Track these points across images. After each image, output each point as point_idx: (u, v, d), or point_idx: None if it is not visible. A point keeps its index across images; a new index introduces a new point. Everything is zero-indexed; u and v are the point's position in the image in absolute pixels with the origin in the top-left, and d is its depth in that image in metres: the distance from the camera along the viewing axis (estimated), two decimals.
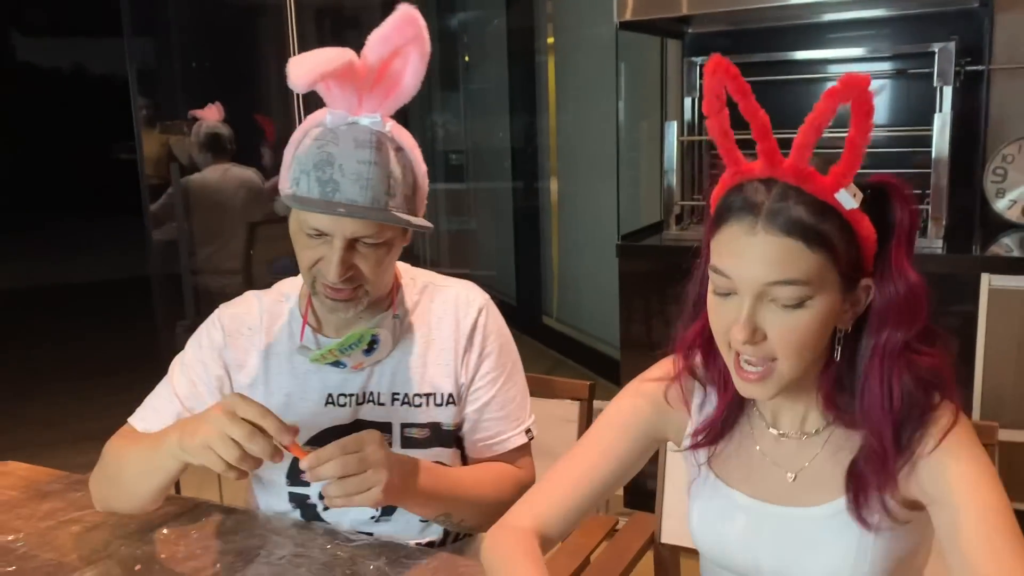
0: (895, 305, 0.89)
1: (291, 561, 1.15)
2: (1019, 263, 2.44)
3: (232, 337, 1.28)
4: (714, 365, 1.01)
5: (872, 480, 0.91)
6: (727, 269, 0.89)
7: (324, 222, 1.12)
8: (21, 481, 1.45)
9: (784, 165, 0.87)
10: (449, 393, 1.29)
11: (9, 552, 1.21)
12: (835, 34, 2.99)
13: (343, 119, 1.13)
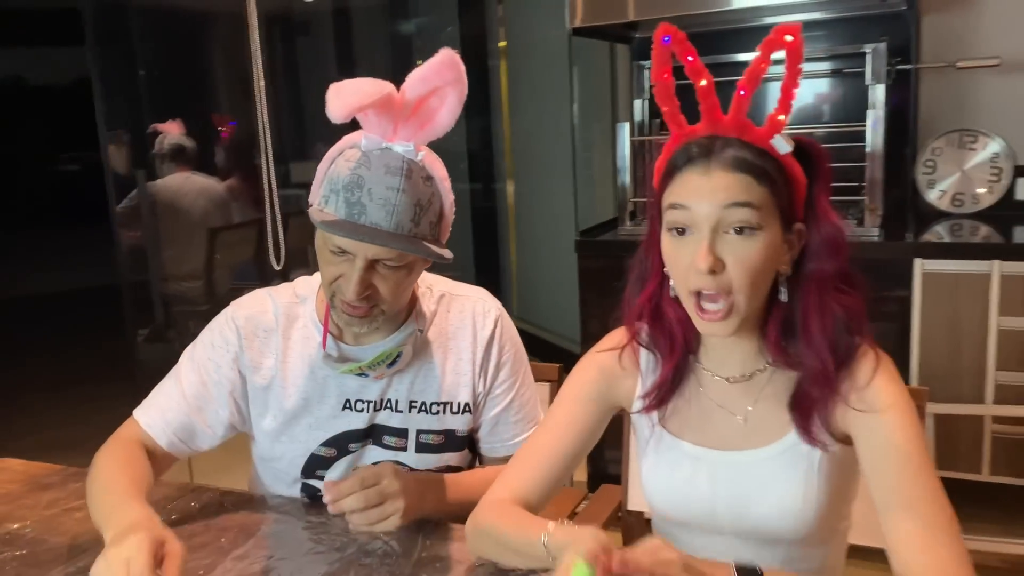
0: (823, 243, 1.03)
1: (275, 536, 1.25)
2: (949, 248, 2.62)
3: (248, 340, 1.32)
4: (660, 331, 1.12)
5: (817, 397, 1.04)
6: (687, 202, 1.00)
7: (347, 242, 1.16)
8: (19, 475, 1.51)
9: (725, 121, 1.00)
10: (466, 402, 1.35)
11: (19, 538, 1.28)
12: None
13: (377, 144, 1.15)
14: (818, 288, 1.03)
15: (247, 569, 1.15)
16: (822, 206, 1.03)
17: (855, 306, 1.04)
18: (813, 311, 1.03)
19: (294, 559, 1.17)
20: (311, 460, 1.33)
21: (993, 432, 2.57)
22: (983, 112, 3.00)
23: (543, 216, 4.72)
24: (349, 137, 1.21)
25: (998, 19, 2.91)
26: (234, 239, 4.43)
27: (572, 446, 1.17)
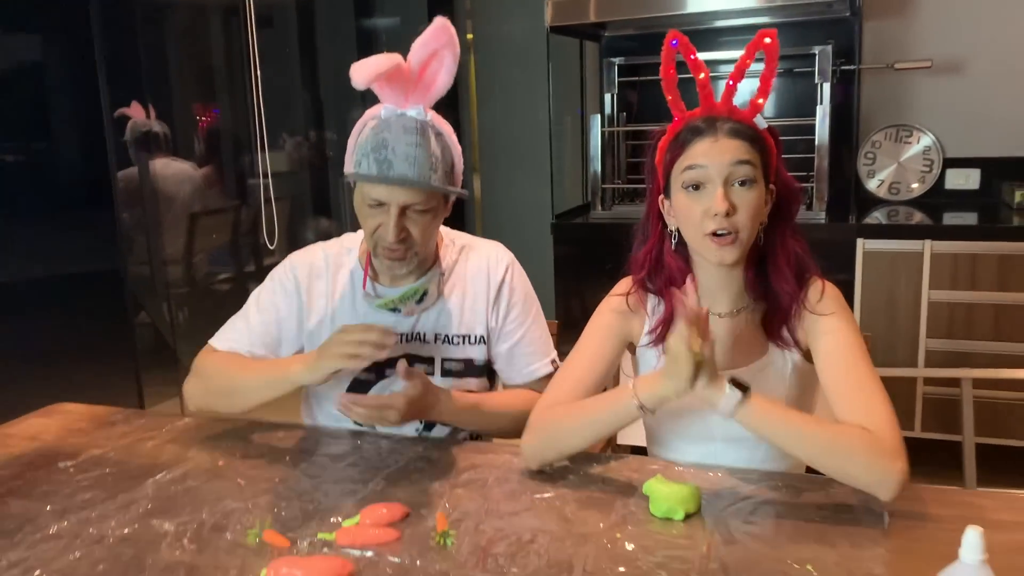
0: (785, 198, 1.33)
1: (345, 454, 1.47)
2: (887, 229, 2.93)
3: (304, 284, 1.57)
4: (660, 276, 1.39)
5: (785, 311, 1.33)
6: (703, 162, 1.26)
7: (382, 193, 1.40)
8: (83, 416, 1.70)
9: (718, 106, 1.28)
10: (481, 335, 1.59)
11: (104, 460, 1.47)
12: (728, 38, 3.43)
13: (394, 112, 1.40)
14: (781, 233, 1.33)
15: (298, 485, 1.36)
16: (782, 171, 1.33)
17: (804, 249, 1.35)
18: (780, 250, 1.33)
19: (342, 481, 1.38)
20: (353, 384, 1.56)
21: (924, 393, 2.89)
22: (917, 109, 3.33)
23: (511, 207, 4.95)
24: (370, 111, 1.46)
25: (931, 25, 3.24)
26: (212, 225, 4.58)
27: (598, 371, 1.41)
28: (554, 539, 1.14)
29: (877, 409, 1.22)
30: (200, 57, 4.95)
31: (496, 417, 1.55)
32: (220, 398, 1.52)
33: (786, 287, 1.32)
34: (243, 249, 4.80)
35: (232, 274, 4.79)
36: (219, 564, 1.11)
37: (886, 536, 1.12)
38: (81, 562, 1.13)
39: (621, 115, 3.45)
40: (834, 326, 1.30)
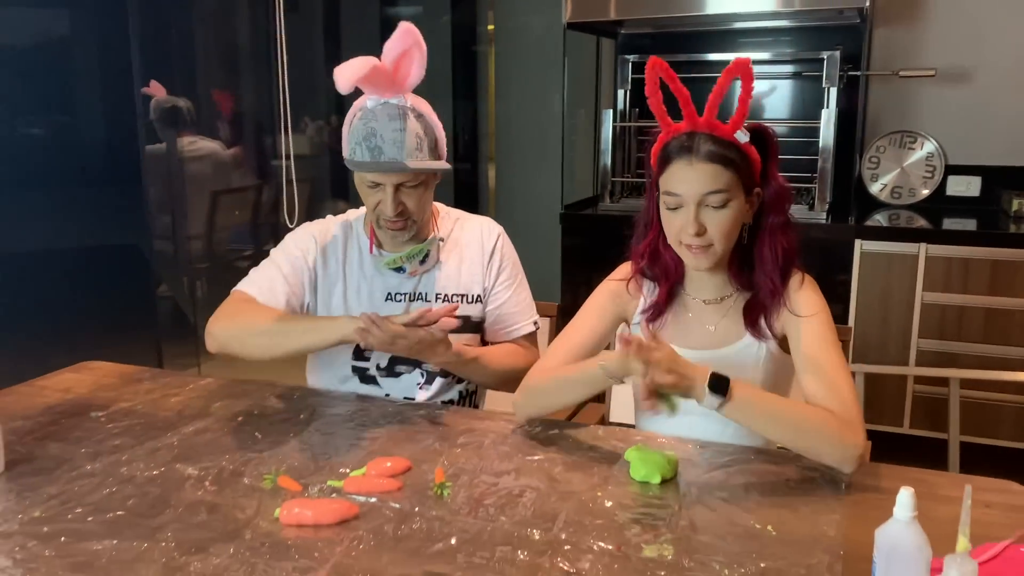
0: (773, 199, 1.42)
1: (353, 415, 1.59)
2: (885, 231, 3.03)
3: (320, 244, 1.72)
4: (657, 265, 1.51)
5: (765, 305, 1.44)
6: (677, 190, 1.37)
7: (376, 176, 1.57)
8: (112, 373, 1.83)
9: (700, 121, 1.37)
10: (477, 294, 1.75)
11: (132, 412, 1.60)
12: (743, 39, 3.53)
13: (378, 101, 1.56)
14: (769, 231, 1.43)
15: (310, 440, 1.48)
16: (772, 173, 1.42)
17: (792, 244, 1.44)
18: (766, 247, 1.42)
19: (350, 438, 1.50)
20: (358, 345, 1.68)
21: (914, 391, 2.99)
22: (921, 116, 3.42)
23: (523, 196, 5.05)
24: (357, 103, 1.61)
25: (938, 34, 3.32)
26: (234, 203, 4.71)
27: (590, 343, 1.54)
28: (540, 495, 1.26)
29: (841, 391, 1.33)
30: (227, 38, 5.07)
31: (485, 367, 1.68)
32: (252, 337, 1.59)
33: (768, 282, 1.43)
34: (263, 227, 4.92)
35: (251, 251, 4.92)
36: (237, 503, 1.23)
37: (842, 504, 1.23)
38: (113, 497, 1.25)
39: (633, 111, 3.55)
40: (810, 319, 1.41)
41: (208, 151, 4.48)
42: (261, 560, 1.08)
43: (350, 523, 1.18)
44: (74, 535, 1.14)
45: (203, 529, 1.16)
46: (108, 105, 3.21)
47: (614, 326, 1.58)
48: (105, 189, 3.20)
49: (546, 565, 1.07)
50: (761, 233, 1.44)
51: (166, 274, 4.44)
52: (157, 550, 1.10)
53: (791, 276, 1.45)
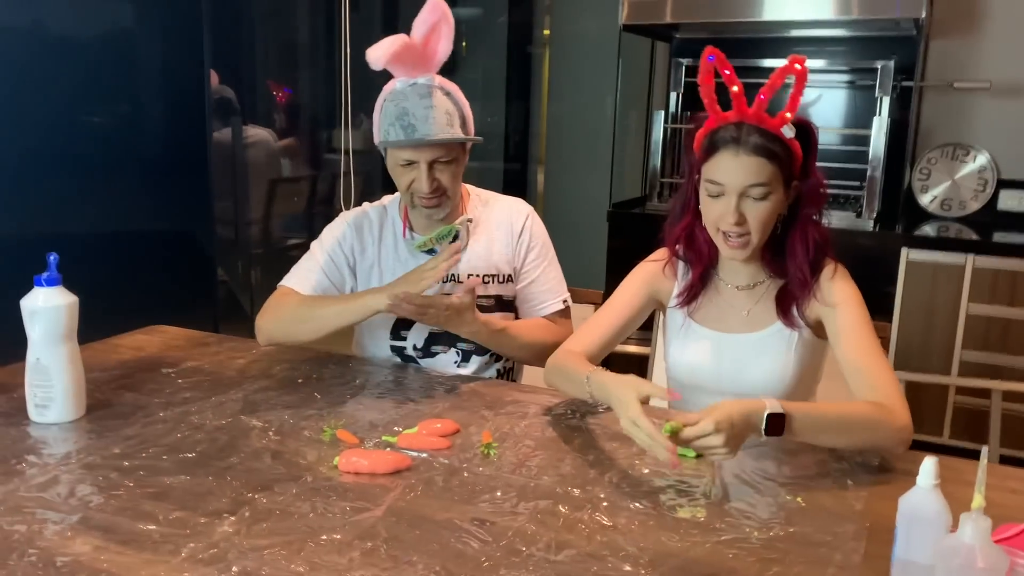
0: (810, 192, 1.46)
1: (406, 382, 1.67)
2: (932, 240, 3.04)
3: (357, 231, 1.81)
4: (692, 249, 1.56)
5: (796, 294, 1.49)
6: (721, 179, 1.42)
7: (411, 153, 1.64)
8: (180, 337, 1.94)
9: (749, 112, 1.42)
10: (507, 274, 1.82)
11: (200, 371, 1.70)
12: (798, 47, 3.56)
13: (407, 83, 1.64)
14: (802, 224, 1.48)
15: (366, 401, 1.57)
16: (812, 167, 1.47)
17: (824, 237, 1.49)
18: (799, 238, 1.47)
19: (403, 402, 1.59)
20: (398, 321, 1.78)
21: (955, 402, 3.00)
22: (975, 129, 3.42)
23: (572, 197, 5.12)
24: (386, 88, 1.69)
25: (993, 47, 3.32)
26: (288, 192, 4.85)
27: (624, 324, 1.61)
28: (582, 460, 1.33)
29: (882, 377, 1.39)
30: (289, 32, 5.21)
31: (515, 338, 1.74)
32: (295, 325, 1.70)
33: (799, 273, 1.48)
34: (317, 217, 5.06)
35: (304, 240, 5.05)
36: (299, 452, 1.32)
37: (872, 482, 1.28)
38: (184, 440, 1.35)
39: (684, 113, 3.59)
40: (845, 308, 1.46)
41: (259, 139, 4.61)
42: (321, 499, 1.17)
43: (403, 474, 1.26)
44: (150, 470, 1.24)
45: (268, 471, 1.25)
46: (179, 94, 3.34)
47: (648, 308, 1.64)
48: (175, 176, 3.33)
49: (584, 518, 1.14)
50: (794, 224, 1.48)
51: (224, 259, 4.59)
52: (226, 486, 1.20)
53: (823, 267, 1.49)
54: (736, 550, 1.07)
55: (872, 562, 1.05)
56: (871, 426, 1.33)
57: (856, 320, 1.44)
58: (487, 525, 1.11)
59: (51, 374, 1.40)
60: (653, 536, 1.10)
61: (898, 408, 1.34)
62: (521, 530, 1.10)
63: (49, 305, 1.38)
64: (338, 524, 1.10)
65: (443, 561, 1.02)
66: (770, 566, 1.04)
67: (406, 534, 1.08)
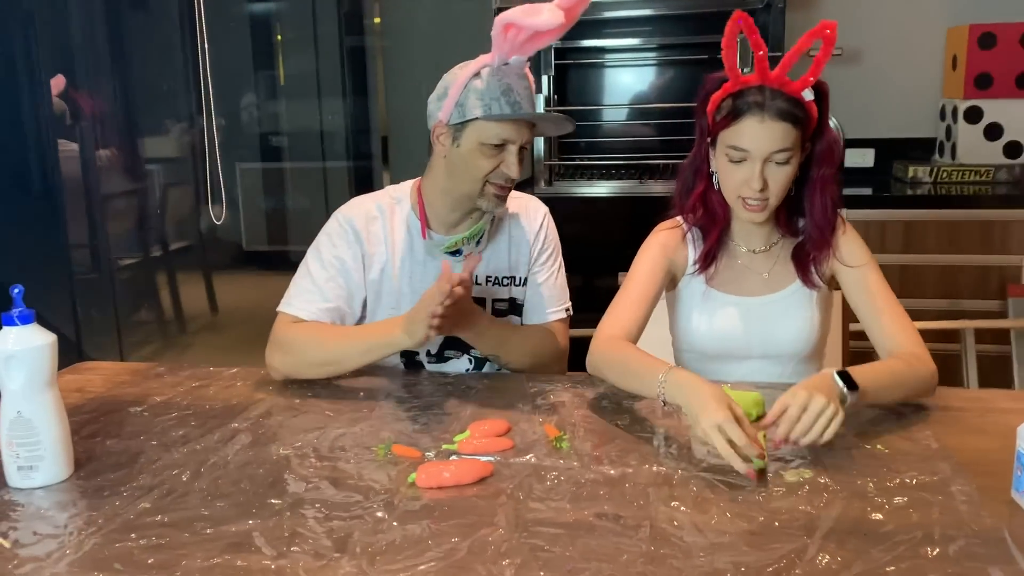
0: (824, 151, 1.49)
1: (417, 388, 1.56)
2: None
3: (363, 232, 1.62)
4: (707, 215, 1.56)
5: (814, 253, 1.53)
6: (747, 145, 1.42)
7: (512, 132, 1.50)
8: (123, 371, 1.70)
9: (772, 76, 1.42)
10: (524, 276, 1.70)
11: (174, 405, 1.49)
12: (632, 28, 3.65)
13: (503, 60, 1.49)
14: (821, 183, 1.50)
15: (386, 413, 1.45)
16: (826, 125, 1.49)
17: (839, 194, 1.52)
18: (816, 198, 1.50)
19: (428, 409, 1.48)
20: None
21: None
22: None
23: None
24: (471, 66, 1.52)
25: (837, 17, 3.57)
26: (113, 208, 4.43)
27: (651, 298, 1.56)
28: (654, 439, 1.29)
29: (907, 329, 1.46)
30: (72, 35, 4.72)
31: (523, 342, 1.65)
32: (314, 368, 1.55)
33: (818, 232, 1.51)
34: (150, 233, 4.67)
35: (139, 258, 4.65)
36: (361, 475, 1.19)
37: (925, 423, 1.34)
38: (219, 482, 1.18)
39: (553, 96, 3.61)
40: (867, 268, 1.51)
41: (71, 153, 4.18)
42: (428, 520, 1.05)
43: (488, 481, 1.16)
44: (208, 521, 1.07)
45: (344, 500, 1.11)
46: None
47: (666, 279, 1.60)
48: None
49: (710, 496, 1.11)
50: (811, 184, 1.50)
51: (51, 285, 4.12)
52: (310, 522, 1.05)
53: (836, 223, 1.53)
54: (865, 504, 1.08)
55: (990, 493, 1.09)
56: (913, 377, 1.38)
57: (878, 280, 1.50)
58: (622, 520, 1.05)
59: (37, 428, 1.17)
60: (786, 502, 1.08)
61: (926, 357, 1.41)
62: (656, 518, 1.05)
63: (28, 347, 1.15)
64: (469, 544, 1.00)
65: (611, 563, 0.95)
66: (909, 515, 1.05)
67: (552, 544, 1.00)
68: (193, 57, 5.48)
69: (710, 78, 1.49)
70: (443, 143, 1.57)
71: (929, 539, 0.99)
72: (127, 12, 5.41)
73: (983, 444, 1.25)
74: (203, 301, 4.85)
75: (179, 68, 5.11)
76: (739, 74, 1.45)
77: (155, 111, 5.13)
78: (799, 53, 1.41)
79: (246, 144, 6.01)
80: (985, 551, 0.96)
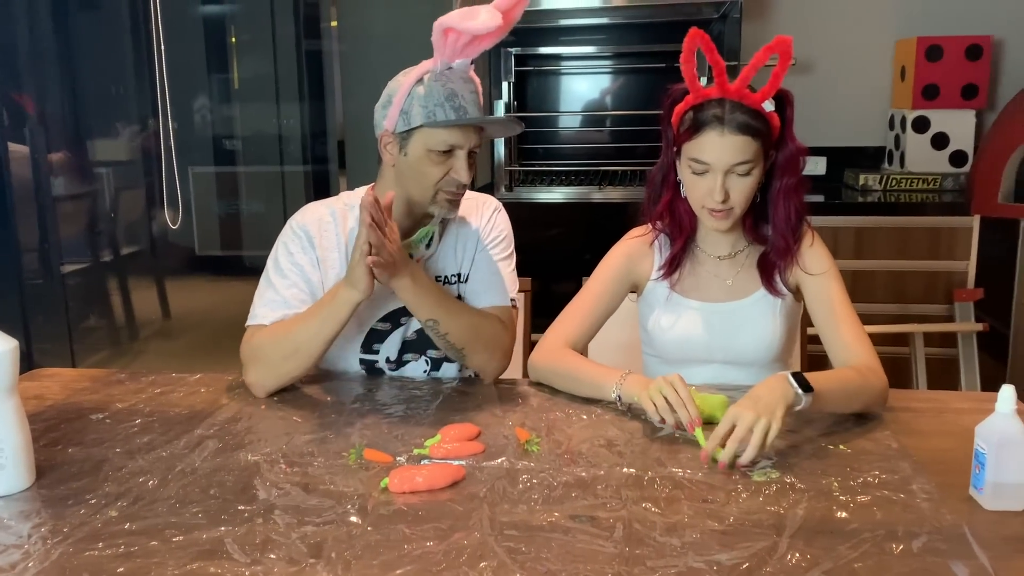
0: (789, 159, 1.51)
1: (373, 393, 1.55)
2: None
3: (317, 239, 1.60)
4: (674, 222, 1.59)
5: (778, 262, 1.55)
6: (708, 159, 1.45)
7: (460, 138, 1.48)
8: (81, 377, 1.67)
9: (731, 89, 1.45)
10: (468, 272, 1.66)
11: (137, 411, 1.47)
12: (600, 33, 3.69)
13: (446, 64, 1.48)
14: (784, 192, 1.53)
15: (355, 419, 1.44)
16: (790, 135, 1.52)
17: (804, 203, 1.55)
18: (780, 206, 1.53)
19: (395, 414, 1.47)
20: (370, 335, 1.63)
21: None
22: None
23: None
24: (413, 72, 1.51)
25: (789, 29, 3.64)
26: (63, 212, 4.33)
27: (604, 309, 1.60)
28: (622, 440, 1.31)
29: (862, 342, 1.49)
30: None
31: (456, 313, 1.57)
32: (286, 363, 1.52)
33: (782, 241, 1.54)
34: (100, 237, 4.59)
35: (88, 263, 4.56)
36: (333, 480, 1.18)
37: (883, 423, 1.38)
38: (188, 488, 1.16)
39: (513, 103, 3.63)
40: (827, 278, 1.54)
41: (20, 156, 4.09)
42: (404, 524, 1.05)
43: (461, 485, 1.17)
44: (178, 528, 1.06)
45: (317, 506, 1.11)
46: None
47: (625, 290, 1.64)
48: None
49: (681, 496, 1.12)
50: (775, 193, 1.53)
51: None
52: (284, 527, 1.05)
53: (803, 234, 1.56)
54: (831, 503, 1.11)
55: (950, 490, 1.13)
56: (864, 389, 1.41)
57: (838, 291, 1.53)
58: (595, 521, 1.06)
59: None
60: (755, 502, 1.11)
61: (880, 371, 1.45)
62: (629, 519, 1.06)
63: None
64: (444, 548, 1.00)
65: (587, 564, 0.96)
66: (873, 513, 1.08)
67: (528, 546, 1.00)
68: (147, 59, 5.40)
69: (674, 88, 1.52)
70: (391, 152, 1.55)
71: (893, 536, 1.02)
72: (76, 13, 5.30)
73: (940, 444, 1.29)
74: (155, 307, 4.76)
75: (130, 70, 5.03)
76: (699, 87, 1.47)
77: (106, 113, 5.03)
78: (756, 68, 1.44)
79: (199, 147, 5.91)
80: (947, 546, 0.99)
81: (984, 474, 1.07)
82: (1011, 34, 3.44)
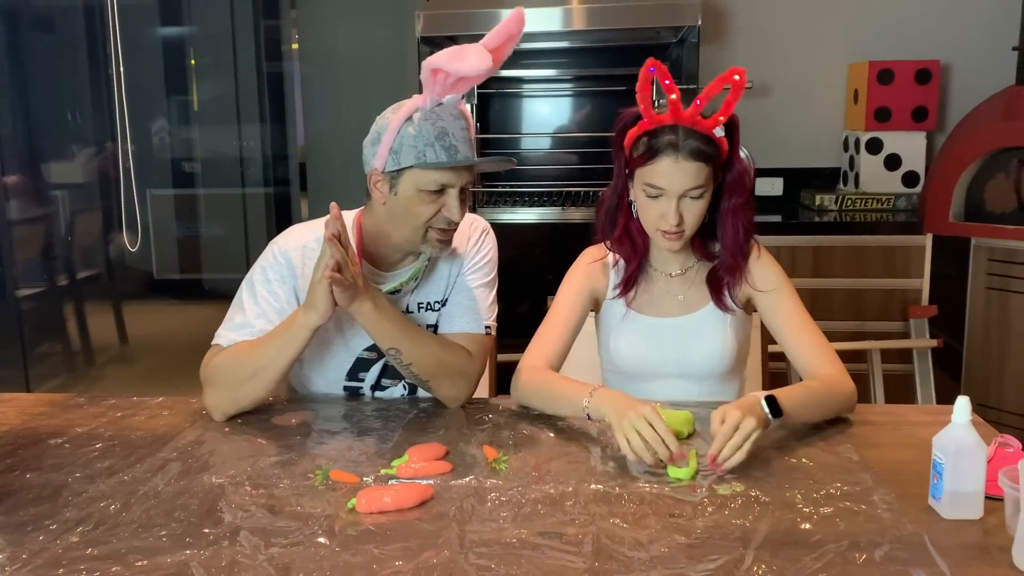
0: (736, 180, 1.55)
1: (351, 414, 1.54)
2: None
3: (297, 265, 1.56)
4: (629, 244, 1.61)
5: (726, 278, 1.58)
6: (662, 184, 1.48)
7: (450, 178, 1.45)
8: (37, 403, 1.63)
9: (684, 115, 1.48)
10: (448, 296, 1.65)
11: (97, 436, 1.44)
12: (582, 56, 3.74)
13: (436, 101, 1.44)
14: (732, 211, 1.56)
15: (322, 440, 1.43)
16: (737, 156, 1.56)
17: (752, 221, 1.59)
18: (728, 225, 1.57)
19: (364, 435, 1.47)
20: (356, 364, 1.62)
21: None
22: None
23: None
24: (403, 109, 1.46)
25: (746, 53, 3.72)
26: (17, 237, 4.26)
27: (574, 327, 1.62)
28: (590, 456, 1.32)
29: (825, 351, 1.53)
30: None
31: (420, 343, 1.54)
32: (243, 387, 1.49)
33: (730, 258, 1.57)
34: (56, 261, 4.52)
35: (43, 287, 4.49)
36: (300, 502, 1.17)
37: (844, 437, 1.40)
38: (152, 512, 1.15)
39: (476, 124, 3.65)
40: (781, 293, 1.57)
41: None
42: (373, 545, 1.05)
43: (429, 504, 1.17)
44: (141, 552, 1.04)
45: (285, 528, 1.10)
46: None
47: (588, 307, 1.67)
48: None
49: (648, 511, 1.13)
50: (723, 213, 1.56)
51: None
52: (251, 549, 1.04)
53: (751, 251, 1.60)
54: (795, 515, 1.12)
55: (910, 500, 1.15)
56: (833, 397, 1.45)
57: (794, 304, 1.57)
58: (564, 537, 1.06)
59: None
60: (721, 516, 1.12)
61: (845, 378, 1.48)
62: (598, 534, 1.07)
63: None
64: (414, 568, 1.00)
65: None
66: (836, 524, 1.10)
67: (498, 564, 1.00)
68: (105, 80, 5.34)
69: (625, 113, 1.54)
70: (380, 191, 1.52)
71: (856, 546, 1.04)
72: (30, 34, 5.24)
73: (900, 455, 1.31)
74: (112, 331, 4.68)
75: (86, 92, 4.97)
76: (653, 115, 1.49)
77: (62, 135, 4.96)
78: (709, 96, 1.48)
79: (157, 170, 5.85)
80: (908, 555, 1.01)
81: (942, 484, 1.10)
82: (958, 58, 3.55)
